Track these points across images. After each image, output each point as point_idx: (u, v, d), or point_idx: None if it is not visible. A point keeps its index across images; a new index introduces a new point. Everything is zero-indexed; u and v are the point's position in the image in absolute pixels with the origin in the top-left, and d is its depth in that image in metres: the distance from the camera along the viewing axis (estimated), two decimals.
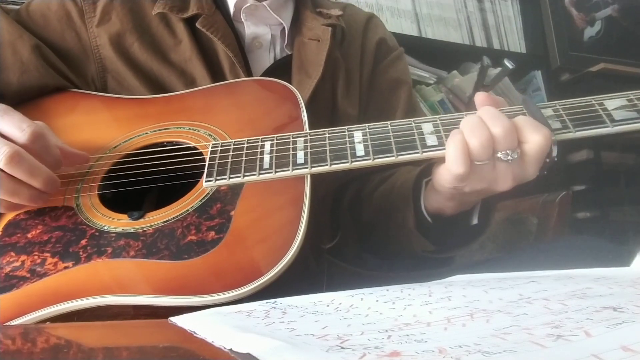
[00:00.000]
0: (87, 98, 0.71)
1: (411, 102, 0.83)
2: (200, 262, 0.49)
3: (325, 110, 0.74)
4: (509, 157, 0.51)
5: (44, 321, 0.47)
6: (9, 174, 0.51)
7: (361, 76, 0.81)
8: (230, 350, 0.25)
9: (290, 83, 0.68)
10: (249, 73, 0.73)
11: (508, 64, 1.59)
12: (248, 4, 0.74)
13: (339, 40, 0.79)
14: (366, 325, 0.30)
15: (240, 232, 0.52)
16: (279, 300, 0.39)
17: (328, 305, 0.36)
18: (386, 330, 0.28)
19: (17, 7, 0.79)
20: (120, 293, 0.48)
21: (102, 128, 0.66)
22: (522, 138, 0.51)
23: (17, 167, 0.51)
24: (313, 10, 0.79)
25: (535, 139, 0.51)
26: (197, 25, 0.71)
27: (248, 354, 0.24)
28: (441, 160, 0.54)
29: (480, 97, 0.55)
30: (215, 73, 0.72)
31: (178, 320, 0.34)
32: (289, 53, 0.78)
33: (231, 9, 0.76)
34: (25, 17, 0.73)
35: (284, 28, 0.77)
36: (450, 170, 0.52)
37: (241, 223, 0.52)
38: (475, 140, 0.50)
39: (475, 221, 0.62)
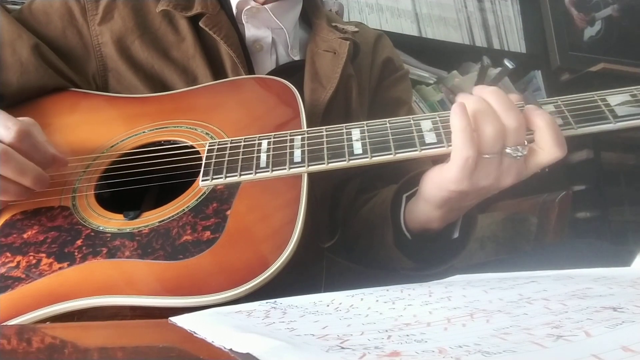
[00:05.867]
0: (86, 97, 0.71)
1: None
2: (196, 262, 0.49)
3: (339, 120, 0.74)
4: (519, 153, 0.49)
5: (41, 322, 0.47)
6: None
7: (368, 91, 0.82)
8: (230, 350, 0.25)
9: (302, 90, 0.68)
10: (251, 74, 0.73)
11: (508, 64, 1.59)
12: (249, 6, 0.74)
13: (353, 56, 0.79)
14: (366, 325, 0.29)
15: (236, 232, 0.51)
16: (279, 300, 0.39)
17: (328, 305, 0.36)
18: (386, 330, 0.28)
19: (17, 6, 0.79)
20: (116, 294, 0.48)
21: (100, 127, 0.66)
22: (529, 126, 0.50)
23: (6, 166, 0.51)
24: (328, 23, 0.80)
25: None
26: (201, 24, 0.71)
27: (248, 354, 0.24)
28: (437, 164, 0.54)
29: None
30: (218, 72, 0.72)
31: (178, 320, 0.34)
32: (295, 59, 0.78)
33: (234, 10, 0.76)
34: (28, 15, 0.73)
35: (286, 33, 0.77)
36: (457, 156, 0.49)
37: (237, 222, 0.52)
38: (489, 129, 0.48)
39: (456, 234, 0.61)
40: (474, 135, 0.49)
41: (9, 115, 0.54)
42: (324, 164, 0.54)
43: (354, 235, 0.75)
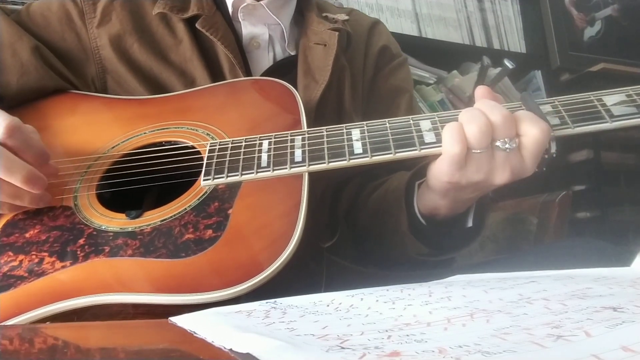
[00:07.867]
0: (86, 99, 0.71)
1: (411, 111, 0.81)
2: (198, 260, 0.49)
3: (332, 115, 0.74)
4: (507, 146, 0.51)
5: (42, 320, 0.47)
6: None
7: (363, 82, 0.81)
8: (230, 350, 0.25)
9: (296, 86, 0.68)
10: (248, 74, 0.73)
11: (508, 64, 1.59)
12: (245, 4, 0.74)
13: (345, 46, 0.78)
14: (366, 325, 0.29)
15: (237, 230, 0.52)
16: (279, 300, 0.39)
17: (328, 305, 0.36)
18: (386, 330, 0.28)
19: (17, 7, 0.79)
20: (118, 291, 0.48)
21: (101, 128, 0.66)
22: (520, 131, 0.51)
23: None
24: (319, 14, 0.79)
25: (533, 132, 0.51)
26: (197, 25, 0.71)
27: (248, 354, 0.24)
28: (437, 157, 0.54)
29: (481, 90, 0.55)
30: (215, 74, 0.72)
31: (178, 320, 0.34)
32: (291, 54, 0.78)
33: (229, 9, 0.75)
34: (26, 18, 0.73)
35: (283, 28, 0.77)
36: (446, 153, 0.51)
37: (239, 221, 0.52)
38: (473, 127, 0.50)
39: (470, 223, 0.62)
40: (462, 133, 0.50)
41: (0, 110, 0.53)
42: (324, 163, 0.54)
43: (363, 227, 0.74)
